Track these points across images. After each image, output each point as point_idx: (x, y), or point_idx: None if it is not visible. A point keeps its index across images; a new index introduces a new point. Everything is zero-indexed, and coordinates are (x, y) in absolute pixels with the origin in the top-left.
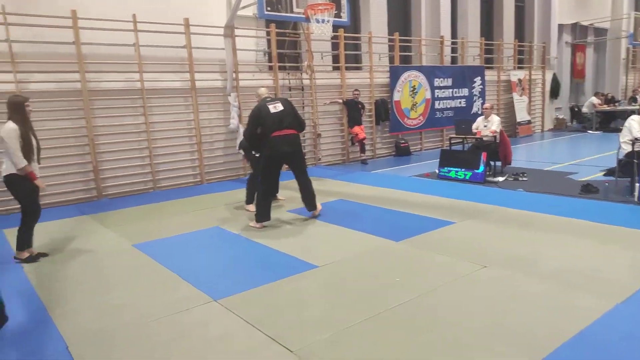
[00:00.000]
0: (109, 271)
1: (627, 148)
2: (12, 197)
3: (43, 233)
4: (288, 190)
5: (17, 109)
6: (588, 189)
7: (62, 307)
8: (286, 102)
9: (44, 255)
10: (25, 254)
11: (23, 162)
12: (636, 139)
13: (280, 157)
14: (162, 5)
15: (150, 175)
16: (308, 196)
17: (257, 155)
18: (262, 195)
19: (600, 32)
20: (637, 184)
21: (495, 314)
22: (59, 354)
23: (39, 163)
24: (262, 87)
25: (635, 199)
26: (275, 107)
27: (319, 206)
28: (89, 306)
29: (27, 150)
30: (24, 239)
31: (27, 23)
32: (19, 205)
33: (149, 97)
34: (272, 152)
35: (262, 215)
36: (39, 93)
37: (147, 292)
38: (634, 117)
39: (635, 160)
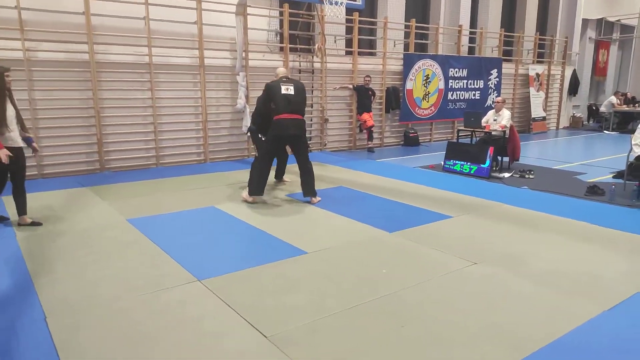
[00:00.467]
0: (98, 244)
1: (638, 151)
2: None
3: (40, 203)
4: (293, 175)
5: None
6: (594, 190)
7: (47, 276)
8: (299, 87)
9: (38, 224)
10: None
11: None
12: None
13: (285, 139)
14: None
15: (154, 151)
16: (307, 181)
17: (264, 139)
18: (259, 171)
19: (627, 29)
20: None
21: (479, 312)
22: (36, 322)
23: (26, 132)
24: (281, 67)
25: None
26: (287, 89)
27: (317, 198)
28: (73, 277)
29: (1, 119)
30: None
31: None
32: None
33: (156, 72)
34: (277, 132)
35: (256, 188)
36: (47, 62)
37: (132, 267)
38: None
39: None
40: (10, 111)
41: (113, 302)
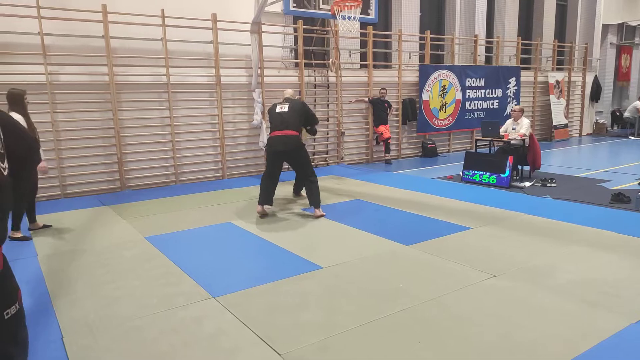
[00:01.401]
0: (116, 262)
1: None
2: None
3: (62, 222)
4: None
5: (17, 101)
6: (619, 198)
7: (66, 296)
8: (294, 104)
9: (48, 226)
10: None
11: None
12: None
13: (275, 155)
14: (190, 1)
15: (173, 169)
16: (310, 193)
17: None
18: (262, 184)
19: None
20: None
21: (499, 327)
22: (53, 343)
23: None
24: (288, 90)
25: None
26: (282, 108)
27: (320, 211)
28: (91, 297)
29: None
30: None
31: (58, 17)
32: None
33: (174, 92)
34: (269, 149)
35: (261, 198)
36: (69, 85)
37: (149, 285)
38: None
39: None
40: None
41: (129, 320)
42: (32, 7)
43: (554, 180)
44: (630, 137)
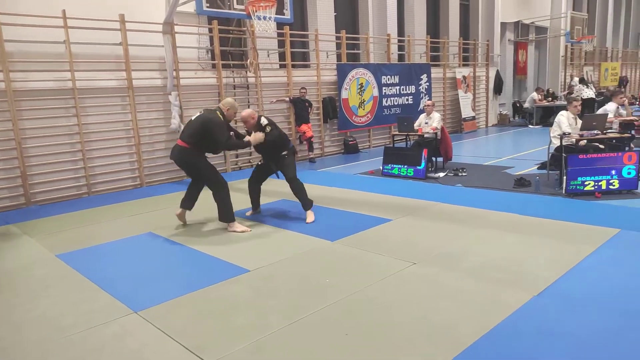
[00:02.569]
0: (25, 284)
1: (556, 142)
2: None
3: None
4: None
5: None
6: (521, 182)
7: None
8: (199, 117)
9: None
10: None
11: None
12: (564, 133)
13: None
14: (95, 1)
15: (84, 180)
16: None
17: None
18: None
19: (541, 30)
20: (564, 177)
21: (419, 311)
22: None
23: None
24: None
25: (563, 192)
26: (191, 117)
27: (231, 225)
28: (3, 321)
29: None
30: None
31: None
32: None
33: (81, 97)
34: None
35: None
36: None
37: (63, 305)
38: (563, 112)
39: (563, 154)
40: None
41: (43, 344)
42: None
43: (464, 170)
44: (530, 126)
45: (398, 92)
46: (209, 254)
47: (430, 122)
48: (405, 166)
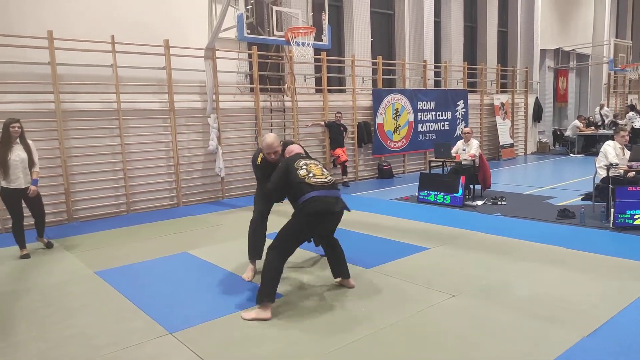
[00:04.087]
0: (64, 301)
1: (602, 173)
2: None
3: (5, 258)
4: None
5: (2, 130)
6: (565, 214)
7: (7, 339)
8: None
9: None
10: (22, 252)
11: None
12: (611, 164)
13: None
14: (141, 27)
15: (124, 198)
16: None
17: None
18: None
19: (582, 57)
20: (612, 210)
21: (461, 347)
22: None
23: (32, 176)
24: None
25: (610, 225)
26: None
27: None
28: (36, 339)
29: (3, 165)
30: (16, 240)
31: (2, 43)
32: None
33: (125, 118)
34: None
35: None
36: (12, 113)
37: (100, 323)
38: (609, 142)
39: (610, 186)
40: (11, 158)
41: None
42: None
43: (503, 199)
44: (571, 155)
45: (434, 118)
46: (241, 276)
47: (468, 149)
48: (442, 193)
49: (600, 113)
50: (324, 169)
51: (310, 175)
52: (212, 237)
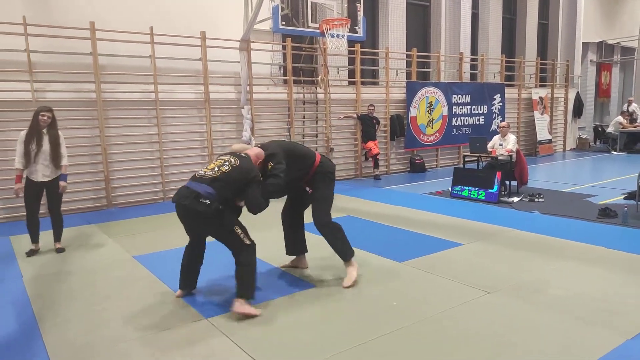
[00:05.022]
0: (104, 283)
1: None
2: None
3: (48, 242)
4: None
5: (32, 117)
6: (606, 213)
7: (53, 319)
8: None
9: (61, 250)
10: (32, 246)
11: (16, 165)
12: None
13: None
14: (179, 18)
15: (161, 186)
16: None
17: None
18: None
19: (627, 51)
20: None
21: (495, 346)
22: None
23: (55, 167)
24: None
25: None
26: None
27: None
28: (78, 319)
29: (25, 155)
30: (29, 234)
31: (45, 34)
32: (24, 213)
33: (162, 109)
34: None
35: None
36: (55, 102)
37: (139, 306)
38: None
39: None
40: (35, 147)
41: (117, 344)
42: (19, 25)
43: (541, 196)
44: (613, 152)
45: (469, 112)
46: (277, 266)
47: (505, 144)
48: (477, 189)
49: (628, 110)
50: (225, 165)
51: (204, 167)
52: (247, 224)
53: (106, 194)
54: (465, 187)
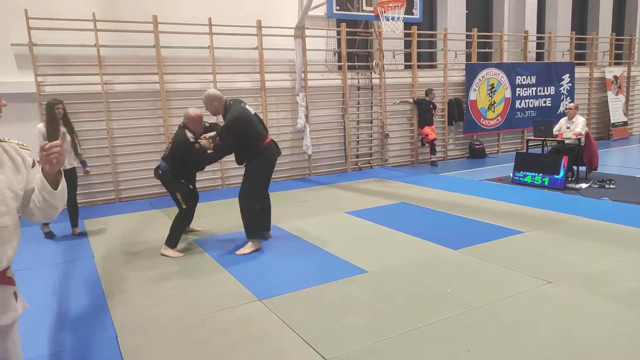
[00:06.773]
0: (166, 264)
1: None
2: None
3: (118, 225)
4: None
5: (47, 111)
6: None
7: (119, 295)
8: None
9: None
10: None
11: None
12: None
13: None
14: (235, 8)
15: (220, 173)
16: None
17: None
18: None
19: None
20: None
21: (553, 336)
22: (109, 342)
23: (80, 158)
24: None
25: None
26: (252, 110)
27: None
28: (142, 296)
29: None
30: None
31: (113, 29)
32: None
33: None
34: (272, 157)
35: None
36: (122, 94)
37: (196, 287)
38: None
39: None
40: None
41: (179, 320)
42: (89, 21)
43: (612, 182)
44: None
45: (534, 94)
46: (328, 251)
47: (572, 127)
48: (541, 174)
49: None
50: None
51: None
52: (298, 212)
53: None
54: (528, 173)
